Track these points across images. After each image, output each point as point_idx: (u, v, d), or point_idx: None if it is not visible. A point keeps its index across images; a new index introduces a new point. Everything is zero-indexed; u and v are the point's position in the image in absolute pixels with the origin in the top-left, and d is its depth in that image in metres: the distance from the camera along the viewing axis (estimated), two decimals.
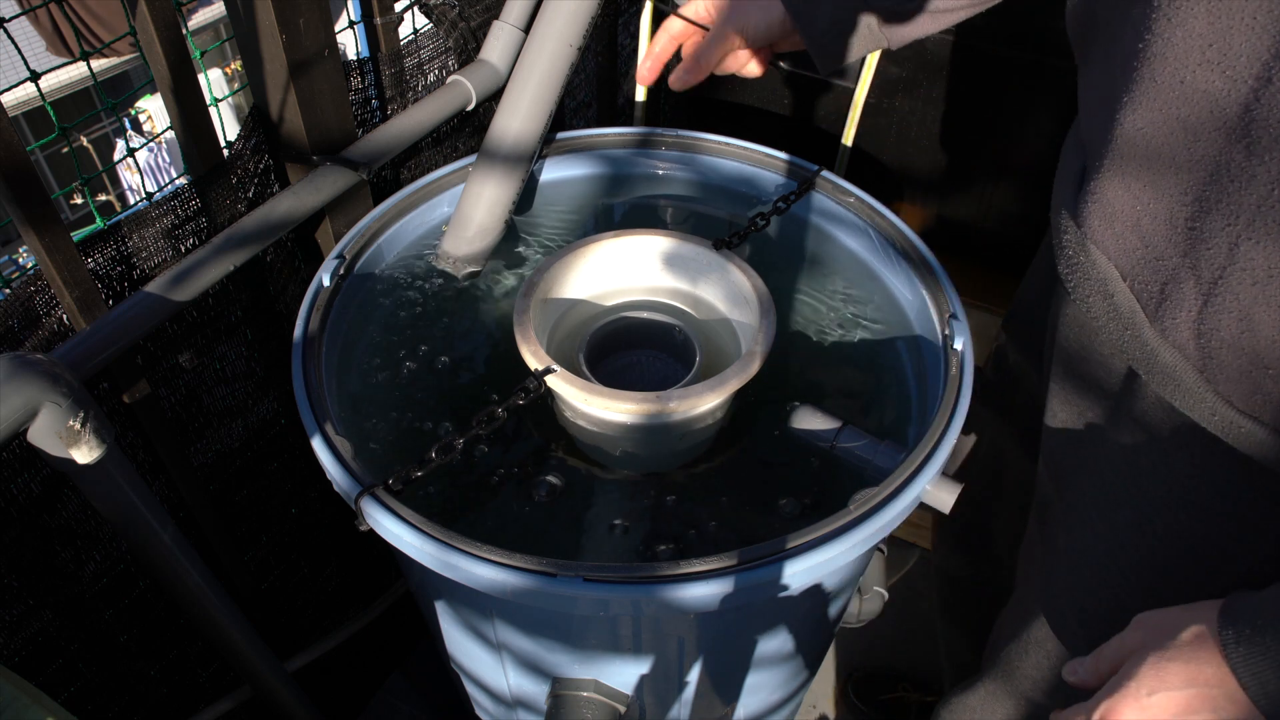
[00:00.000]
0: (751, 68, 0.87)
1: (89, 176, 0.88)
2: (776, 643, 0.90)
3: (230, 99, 1.32)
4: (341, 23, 1.15)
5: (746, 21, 0.81)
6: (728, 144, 1.15)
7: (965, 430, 0.79)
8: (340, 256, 0.96)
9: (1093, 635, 0.81)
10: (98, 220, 0.88)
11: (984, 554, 1.18)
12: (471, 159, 1.07)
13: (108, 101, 1.06)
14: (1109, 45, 0.63)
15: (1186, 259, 0.57)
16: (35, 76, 0.82)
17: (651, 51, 0.88)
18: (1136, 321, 0.63)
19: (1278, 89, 0.49)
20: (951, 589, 1.30)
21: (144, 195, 0.92)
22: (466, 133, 1.29)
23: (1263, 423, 0.58)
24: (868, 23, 0.78)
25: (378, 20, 1.09)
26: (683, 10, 0.84)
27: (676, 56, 0.89)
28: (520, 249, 1.11)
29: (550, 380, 0.79)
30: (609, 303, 0.97)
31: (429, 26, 1.18)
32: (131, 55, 5.37)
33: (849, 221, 1.06)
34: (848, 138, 1.54)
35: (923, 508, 0.78)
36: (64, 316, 0.84)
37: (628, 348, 0.98)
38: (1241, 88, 0.51)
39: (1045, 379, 0.87)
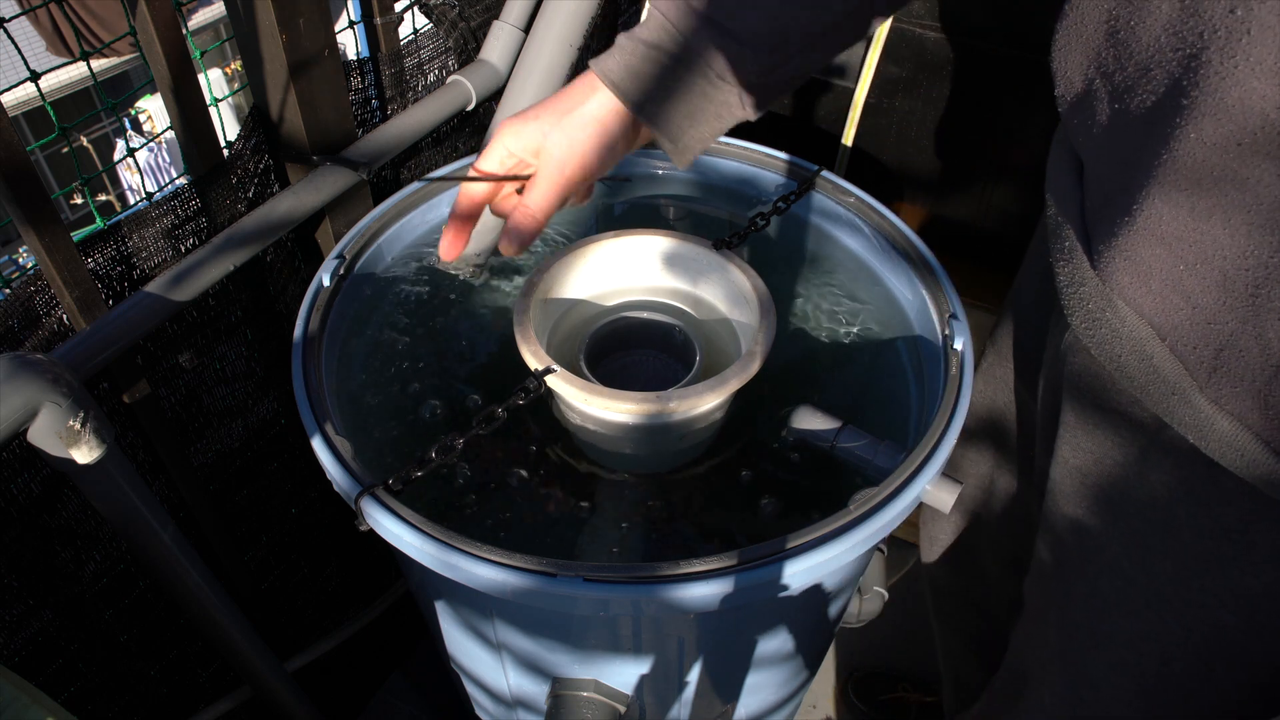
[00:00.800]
0: (582, 196, 0.71)
1: (89, 176, 0.88)
2: (776, 643, 0.90)
3: (230, 99, 1.32)
4: (341, 23, 1.15)
5: (582, 153, 0.65)
6: (728, 144, 1.15)
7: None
8: (340, 256, 0.96)
9: (1132, 674, 0.77)
10: (98, 220, 0.88)
11: (972, 569, 1.17)
12: (471, 159, 1.07)
13: (108, 101, 1.06)
14: (1123, 95, 0.58)
15: (1248, 325, 0.53)
16: (35, 76, 0.82)
17: (452, 224, 0.69)
18: (1183, 386, 0.59)
19: None
20: (942, 599, 1.29)
21: (144, 195, 0.91)
22: (466, 133, 1.29)
23: None
24: (727, 102, 0.65)
25: (378, 20, 1.09)
26: (481, 164, 0.66)
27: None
28: None
29: (550, 380, 0.79)
30: (609, 303, 0.97)
31: (429, 26, 1.18)
32: (131, 55, 5.37)
33: (849, 221, 1.06)
34: (848, 138, 1.54)
35: (922, 508, 0.78)
36: (64, 316, 0.84)
37: (628, 348, 0.98)
38: None
39: (1039, 403, 0.85)
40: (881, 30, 1.40)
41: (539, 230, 0.67)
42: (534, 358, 0.80)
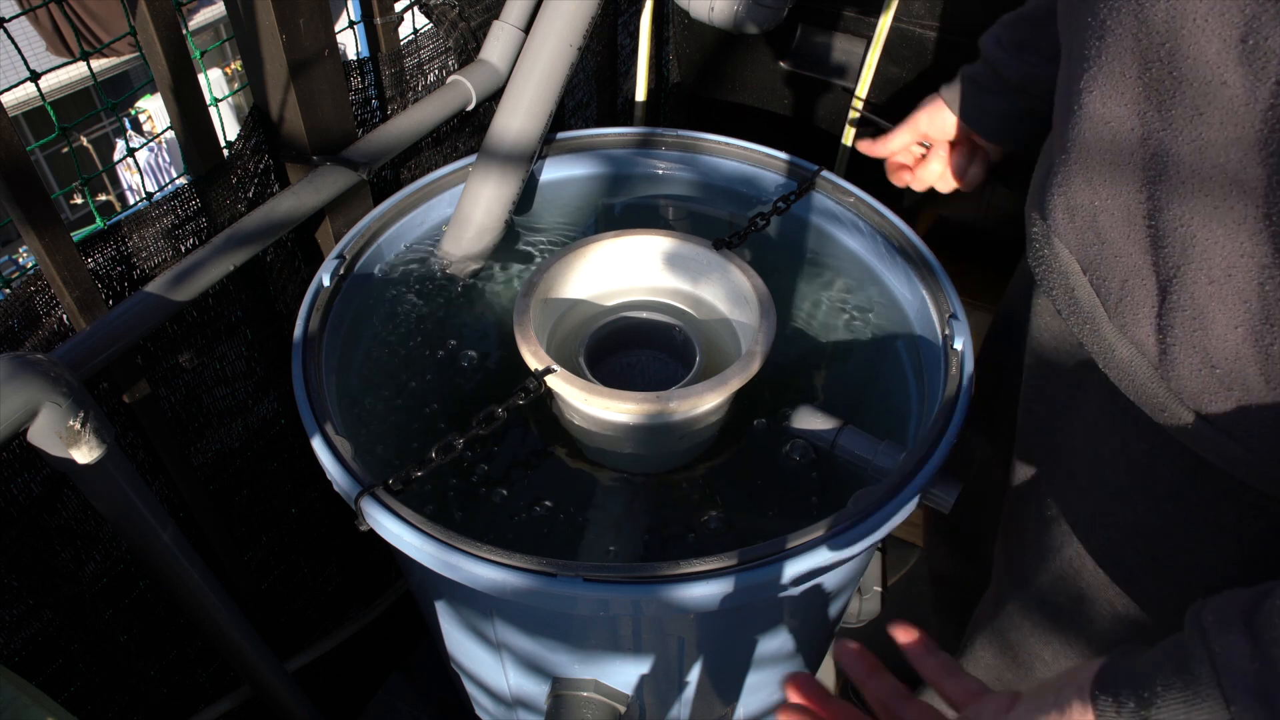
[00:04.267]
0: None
1: (89, 176, 0.88)
2: (776, 643, 0.90)
3: (230, 99, 1.32)
4: (341, 23, 1.15)
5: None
6: (728, 144, 1.15)
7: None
8: (340, 256, 0.96)
9: (1056, 628, 0.82)
10: (98, 220, 0.88)
11: (973, 555, 1.18)
12: (471, 159, 1.07)
13: (108, 101, 1.06)
14: (1073, 36, 0.63)
15: (1146, 255, 0.58)
16: (35, 76, 0.82)
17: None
18: (1096, 316, 0.64)
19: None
20: (943, 588, 1.30)
21: (144, 195, 0.91)
22: (466, 133, 1.29)
23: (1209, 420, 0.58)
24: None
25: (378, 20, 1.09)
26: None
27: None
28: (520, 249, 1.11)
29: (550, 380, 0.79)
30: (609, 303, 0.97)
31: (429, 26, 1.18)
32: (131, 55, 5.37)
33: (849, 221, 1.06)
34: (848, 138, 1.53)
35: (922, 508, 0.78)
36: (64, 316, 0.84)
37: (628, 348, 0.98)
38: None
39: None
40: (881, 30, 1.40)
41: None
42: (534, 358, 0.80)
